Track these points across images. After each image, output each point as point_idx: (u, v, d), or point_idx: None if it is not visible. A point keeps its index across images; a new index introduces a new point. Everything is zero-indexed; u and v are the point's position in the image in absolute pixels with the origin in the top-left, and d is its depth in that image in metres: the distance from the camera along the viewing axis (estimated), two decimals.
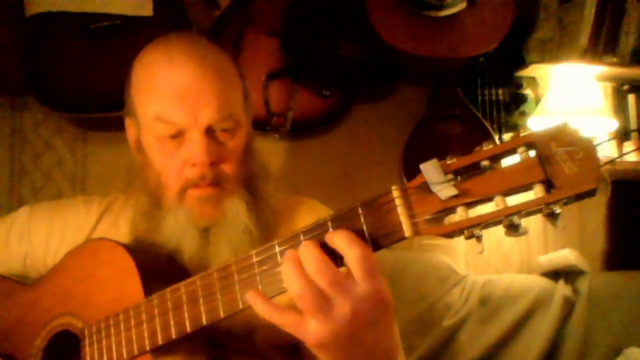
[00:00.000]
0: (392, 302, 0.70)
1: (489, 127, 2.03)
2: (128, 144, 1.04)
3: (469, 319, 1.96)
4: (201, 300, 0.77)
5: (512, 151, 0.62)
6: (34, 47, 1.73)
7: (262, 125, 1.93)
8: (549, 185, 0.60)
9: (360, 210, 0.68)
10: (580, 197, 0.60)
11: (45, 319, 0.97)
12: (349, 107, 2.08)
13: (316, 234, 0.70)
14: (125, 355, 0.85)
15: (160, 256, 0.95)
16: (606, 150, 2.19)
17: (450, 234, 0.64)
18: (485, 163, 0.62)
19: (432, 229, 0.64)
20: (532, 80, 2.21)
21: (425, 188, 0.64)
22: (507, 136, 2.10)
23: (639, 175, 2.22)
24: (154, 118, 0.93)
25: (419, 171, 0.65)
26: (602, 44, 2.07)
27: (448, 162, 0.64)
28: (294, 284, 0.65)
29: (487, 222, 0.62)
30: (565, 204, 0.61)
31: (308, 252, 0.66)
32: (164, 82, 0.93)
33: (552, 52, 2.07)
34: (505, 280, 2.06)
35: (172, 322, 0.80)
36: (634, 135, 2.23)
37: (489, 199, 0.62)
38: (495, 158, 0.62)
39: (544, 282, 2.06)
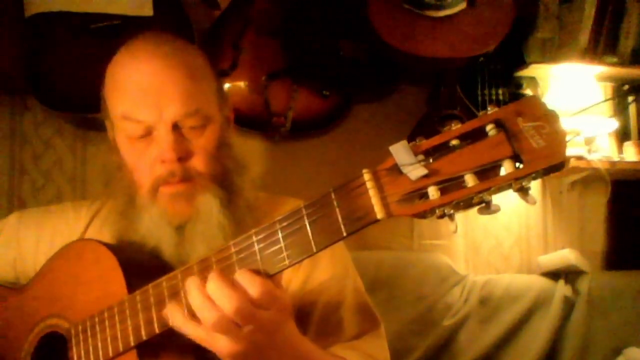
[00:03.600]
0: (285, 314, 0.78)
1: None
2: None
3: (469, 319, 1.96)
4: (182, 293, 0.78)
5: (480, 129, 0.62)
6: (33, 47, 1.73)
7: (262, 125, 1.93)
8: (517, 160, 0.60)
9: (333, 196, 0.69)
10: (548, 171, 0.60)
11: (32, 322, 0.97)
12: (349, 107, 2.08)
13: (292, 221, 0.72)
14: (111, 353, 0.85)
15: (143, 253, 0.95)
16: (606, 150, 2.19)
17: (422, 214, 0.64)
18: (454, 142, 0.62)
19: (403, 210, 0.64)
20: (532, 80, 2.21)
21: (396, 169, 0.64)
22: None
23: (639, 175, 2.22)
24: (121, 117, 0.94)
25: None
26: (602, 44, 2.07)
27: (417, 142, 0.64)
28: (203, 312, 0.72)
29: (458, 200, 0.62)
30: (534, 178, 0.60)
31: (213, 283, 0.72)
32: (128, 81, 0.93)
33: (552, 52, 2.07)
34: (505, 280, 2.06)
35: (155, 317, 0.80)
36: (634, 135, 2.23)
37: (460, 177, 0.62)
38: (464, 136, 0.62)
39: (544, 282, 2.06)
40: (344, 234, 0.68)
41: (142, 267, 0.91)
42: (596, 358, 1.97)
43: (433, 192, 0.62)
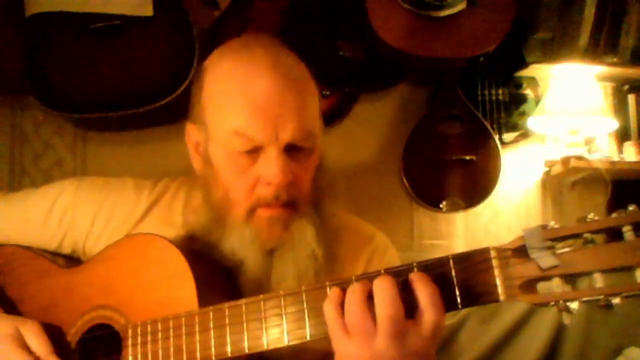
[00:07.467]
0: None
1: (488, 127, 2.03)
2: (128, 144, 1.02)
3: (469, 319, 1.96)
4: (264, 322, 0.74)
5: (616, 228, 0.61)
6: (34, 47, 1.73)
7: None
8: None
9: (451, 263, 0.67)
10: None
11: (82, 308, 0.93)
12: (349, 107, 2.08)
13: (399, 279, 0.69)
14: None
15: (218, 269, 0.90)
16: (606, 151, 2.19)
17: (544, 304, 0.63)
18: (587, 236, 0.62)
19: (528, 297, 0.63)
20: (532, 80, 2.20)
21: (524, 252, 0.64)
22: (507, 136, 2.10)
23: (639, 175, 2.21)
24: (233, 132, 0.88)
25: (419, 172, 0.64)
26: (602, 44, 2.07)
27: (550, 228, 0.64)
28: (353, 306, 0.67)
29: (584, 297, 0.61)
30: None
31: (385, 283, 0.67)
32: (246, 96, 0.87)
33: (552, 52, 2.07)
34: None
35: (229, 339, 0.76)
36: (634, 135, 2.23)
37: (588, 274, 0.61)
38: (598, 232, 0.62)
39: None
40: (459, 307, 0.66)
41: (215, 281, 0.87)
42: (596, 358, 1.96)
43: (559, 283, 0.62)
